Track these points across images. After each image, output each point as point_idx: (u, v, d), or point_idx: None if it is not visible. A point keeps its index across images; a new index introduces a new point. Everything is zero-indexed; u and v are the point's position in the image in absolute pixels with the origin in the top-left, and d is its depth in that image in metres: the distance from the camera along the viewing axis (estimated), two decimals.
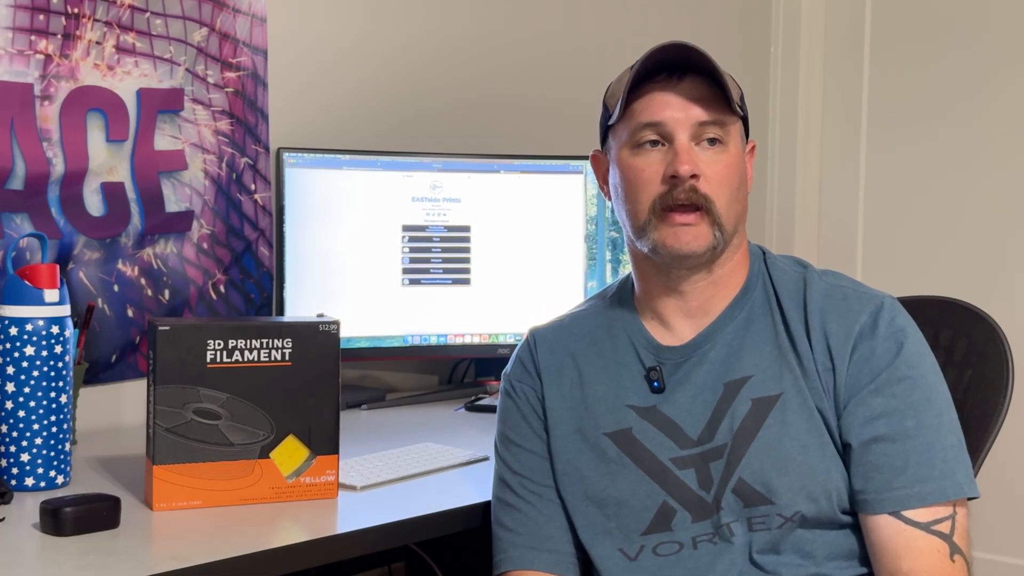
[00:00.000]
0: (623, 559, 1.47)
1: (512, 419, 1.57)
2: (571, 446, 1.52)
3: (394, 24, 2.54)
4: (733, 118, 1.46)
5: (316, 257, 2.30)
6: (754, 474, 1.41)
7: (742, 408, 1.44)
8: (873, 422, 1.40)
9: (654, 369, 1.49)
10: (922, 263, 3.22)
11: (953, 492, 1.38)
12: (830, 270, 1.53)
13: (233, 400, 1.58)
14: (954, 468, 1.39)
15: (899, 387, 1.40)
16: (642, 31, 2.98)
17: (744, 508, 1.42)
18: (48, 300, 1.64)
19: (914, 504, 1.37)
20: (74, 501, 1.47)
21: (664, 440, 1.46)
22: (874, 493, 1.39)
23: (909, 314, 1.47)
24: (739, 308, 1.49)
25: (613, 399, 1.50)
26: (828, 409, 1.42)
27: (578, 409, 1.52)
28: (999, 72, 3.10)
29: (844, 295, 1.46)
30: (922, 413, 1.40)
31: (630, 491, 1.47)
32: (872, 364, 1.41)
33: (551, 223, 2.47)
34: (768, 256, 1.54)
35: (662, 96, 1.44)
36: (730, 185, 1.45)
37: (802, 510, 1.40)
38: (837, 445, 1.42)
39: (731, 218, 1.45)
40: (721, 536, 1.43)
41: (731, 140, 1.46)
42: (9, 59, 1.95)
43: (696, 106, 1.43)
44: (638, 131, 1.45)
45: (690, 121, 1.43)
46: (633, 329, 1.53)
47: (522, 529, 1.52)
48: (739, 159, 1.47)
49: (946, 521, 1.37)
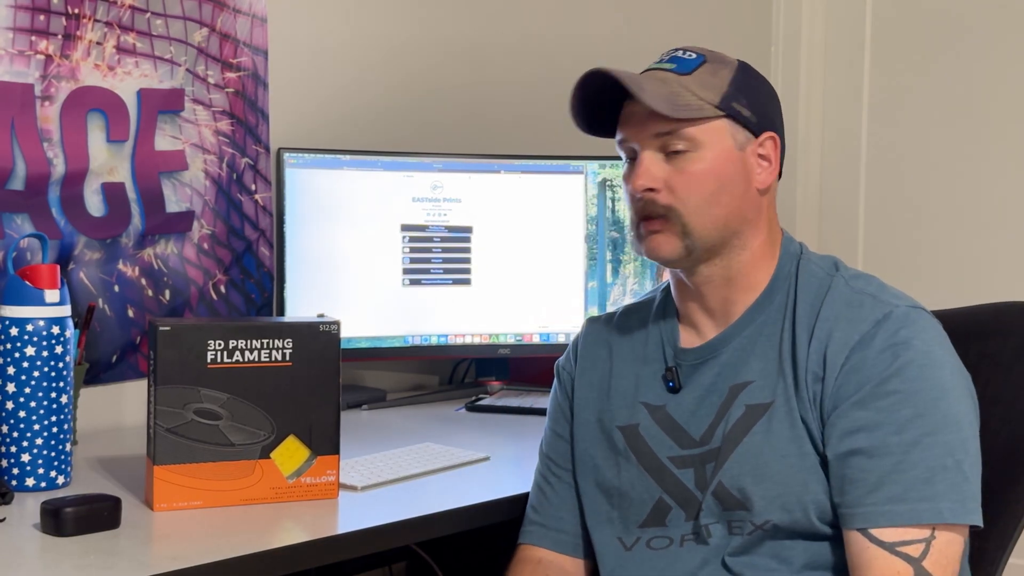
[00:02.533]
0: (620, 548, 1.51)
1: (553, 403, 1.65)
2: (589, 434, 1.57)
3: (394, 24, 2.54)
4: (702, 122, 1.43)
5: (317, 257, 2.30)
6: (732, 479, 1.42)
7: (736, 413, 1.44)
8: (853, 435, 1.36)
9: (671, 369, 1.51)
10: (924, 260, 3.22)
11: (929, 516, 1.32)
12: (863, 274, 1.48)
13: (234, 400, 1.58)
14: (939, 491, 1.32)
15: (885, 401, 1.36)
16: (643, 31, 2.98)
17: (723, 511, 1.43)
18: (49, 300, 1.64)
19: (882, 523, 1.33)
20: (75, 501, 1.47)
21: (665, 439, 1.49)
22: (847, 507, 1.36)
23: (989, 322, 1.44)
24: (760, 311, 1.48)
25: (632, 394, 1.54)
26: (813, 420, 1.39)
27: (601, 399, 1.57)
28: (999, 70, 3.10)
29: (861, 302, 1.42)
30: (910, 430, 1.34)
31: (631, 484, 1.51)
32: (861, 375, 1.37)
33: (551, 223, 2.46)
34: (804, 257, 1.51)
35: (627, 111, 1.48)
36: (700, 191, 1.43)
37: (774, 520, 1.40)
38: (820, 456, 1.40)
39: (706, 223, 1.43)
40: (699, 537, 1.45)
41: (704, 145, 1.43)
42: (10, 59, 1.95)
43: (651, 119, 1.43)
44: (620, 147, 1.50)
45: (648, 133, 1.44)
46: (667, 328, 1.55)
47: (541, 508, 1.62)
48: (719, 161, 1.44)
49: (917, 544, 1.32)
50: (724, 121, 1.45)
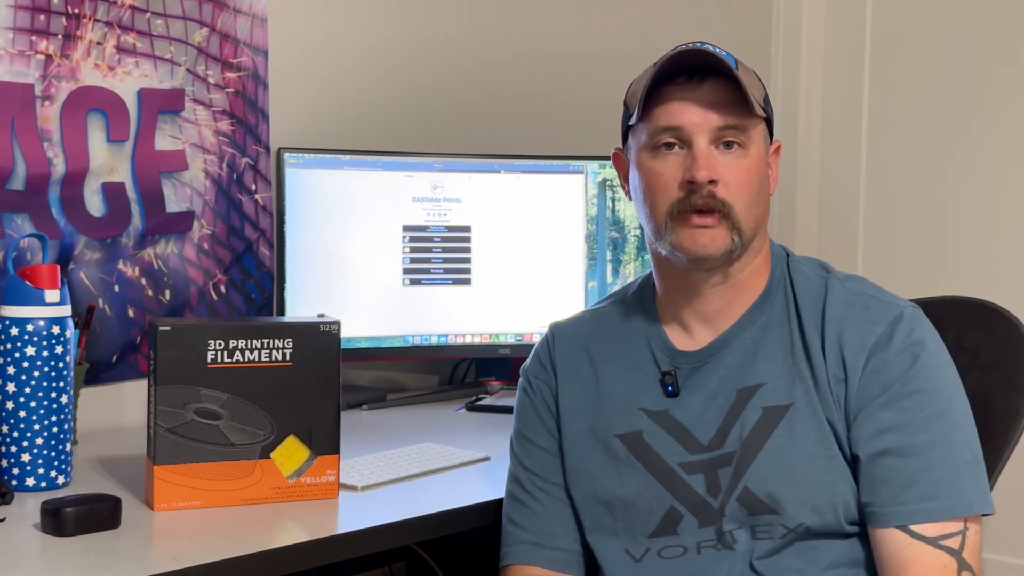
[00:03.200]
0: (628, 560, 1.47)
1: (526, 415, 1.58)
2: (582, 445, 1.52)
3: (395, 24, 2.54)
4: (754, 121, 1.44)
5: (317, 257, 2.30)
6: (759, 484, 1.41)
7: (752, 416, 1.43)
8: (881, 435, 1.38)
9: (669, 373, 1.48)
10: (923, 261, 3.22)
11: (961, 510, 1.36)
12: (855, 276, 1.50)
13: (234, 400, 1.58)
14: (964, 486, 1.37)
15: (910, 401, 1.38)
16: (643, 31, 2.98)
17: (748, 516, 1.41)
18: (49, 300, 1.64)
19: (920, 520, 1.36)
20: (75, 501, 1.47)
21: (674, 444, 1.46)
22: (881, 506, 1.37)
23: (933, 315, 1.44)
24: (759, 313, 1.47)
25: (627, 401, 1.50)
26: (838, 421, 1.40)
27: (592, 408, 1.52)
28: (999, 70, 3.10)
29: (865, 303, 1.43)
30: (933, 428, 1.38)
31: (637, 493, 1.46)
32: (884, 376, 1.39)
33: (551, 223, 2.46)
34: (791, 259, 1.52)
35: (682, 99, 1.42)
36: (750, 189, 1.43)
37: (807, 522, 1.40)
38: (847, 457, 1.40)
39: (750, 222, 1.43)
40: (723, 543, 1.42)
41: (752, 143, 1.44)
42: (10, 59, 1.95)
43: (715, 110, 1.41)
44: (657, 134, 1.43)
45: (709, 125, 1.41)
46: (652, 331, 1.52)
47: (528, 525, 1.53)
48: (760, 162, 1.45)
49: (955, 537, 1.35)
50: (762, 123, 1.46)
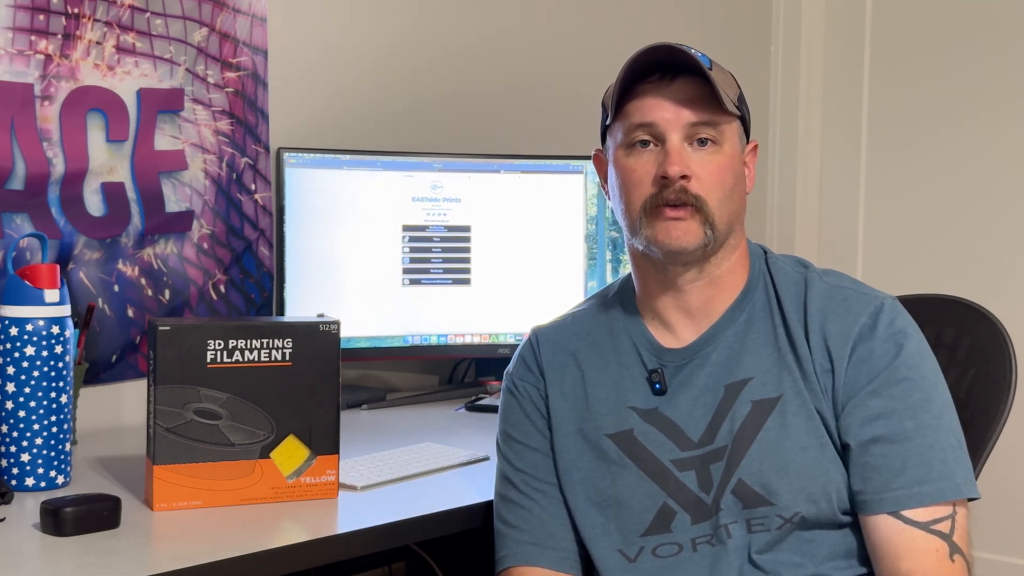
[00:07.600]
0: (623, 560, 1.47)
1: (514, 417, 1.57)
2: (573, 446, 1.52)
3: (394, 24, 2.54)
4: (727, 118, 1.46)
5: (316, 257, 2.30)
6: (753, 476, 1.42)
7: (742, 410, 1.44)
8: (871, 423, 1.41)
9: (656, 371, 1.49)
10: (923, 263, 3.22)
11: (952, 493, 1.38)
12: (832, 270, 1.53)
13: (233, 400, 1.58)
14: (953, 469, 1.39)
15: (897, 388, 1.41)
16: (643, 30, 2.98)
17: (743, 509, 1.42)
18: (48, 300, 1.64)
19: (912, 504, 1.38)
20: (74, 501, 1.47)
21: (665, 442, 1.47)
22: (873, 493, 1.39)
23: (912, 313, 1.48)
24: (740, 310, 1.49)
25: (615, 400, 1.51)
26: (827, 410, 1.43)
27: (580, 410, 1.52)
28: (999, 71, 3.10)
29: (844, 296, 1.47)
30: (921, 415, 1.40)
31: (630, 492, 1.47)
32: (871, 365, 1.42)
33: (551, 223, 2.46)
34: (769, 256, 1.54)
35: (654, 96, 1.45)
36: (722, 185, 1.45)
37: (802, 511, 1.41)
38: (837, 446, 1.42)
39: (724, 218, 1.45)
40: (719, 538, 1.43)
41: (726, 140, 1.46)
42: (9, 59, 1.95)
43: (687, 107, 1.43)
44: (631, 131, 1.46)
45: (681, 122, 1.44)
46: (635, 330, 1.53)
47: (525, 526, 1.52)
48: (734, 159, 1.47)
49: (945, 521, 1.38)
50: (737, 121, 1.48)
